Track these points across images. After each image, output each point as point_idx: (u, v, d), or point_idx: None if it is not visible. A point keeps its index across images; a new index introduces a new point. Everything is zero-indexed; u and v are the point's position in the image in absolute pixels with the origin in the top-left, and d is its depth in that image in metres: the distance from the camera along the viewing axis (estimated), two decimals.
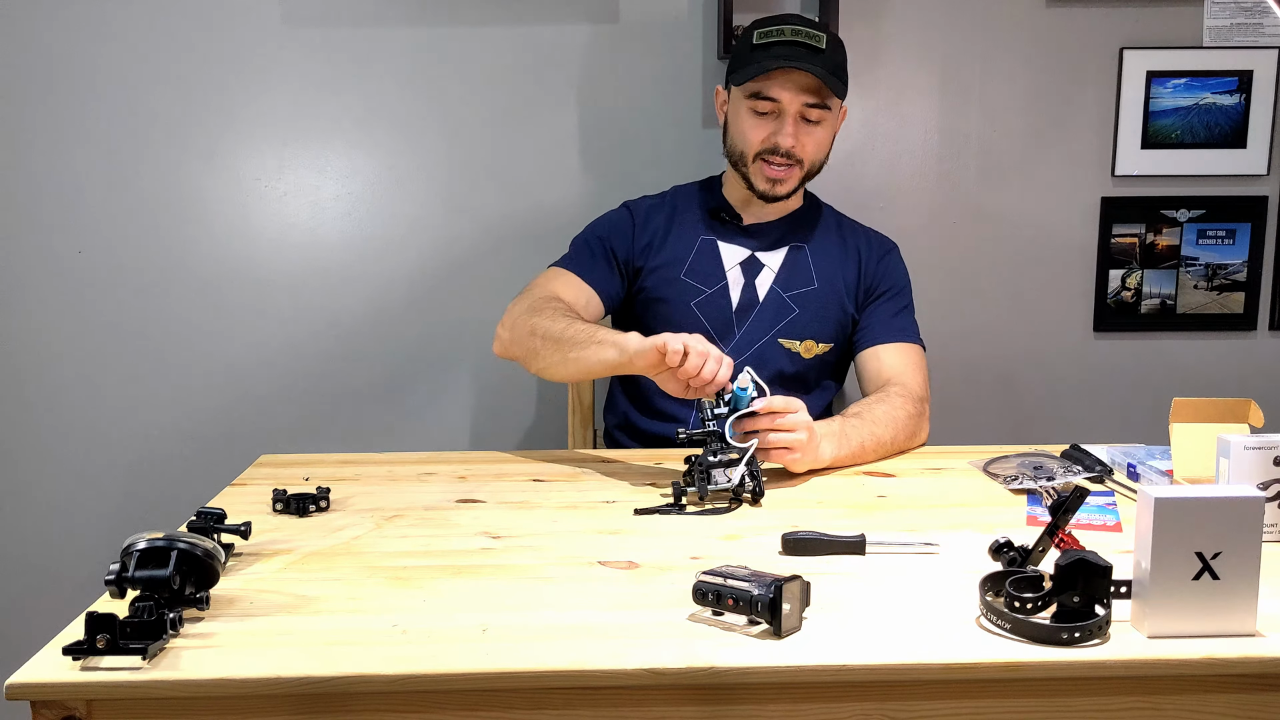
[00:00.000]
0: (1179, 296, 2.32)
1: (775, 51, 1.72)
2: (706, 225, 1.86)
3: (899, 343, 1.82)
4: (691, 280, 1.83)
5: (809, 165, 1.80)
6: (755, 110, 1.75)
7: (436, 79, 2.20)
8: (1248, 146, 2.26)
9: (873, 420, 1.64)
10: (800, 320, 1.82)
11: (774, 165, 1.77)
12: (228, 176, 2.21)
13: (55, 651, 0.96)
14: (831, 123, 1.79)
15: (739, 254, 1.85)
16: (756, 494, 1.44)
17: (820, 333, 1.84)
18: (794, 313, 1.82)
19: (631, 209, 1.90)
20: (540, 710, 0.97)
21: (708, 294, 1.82)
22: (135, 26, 2.15)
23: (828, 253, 1.87)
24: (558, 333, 1.63)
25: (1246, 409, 1.45)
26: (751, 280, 1.83)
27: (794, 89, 1.73)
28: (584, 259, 1.84)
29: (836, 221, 1.93)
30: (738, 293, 1.82)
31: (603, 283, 1.83)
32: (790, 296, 1.83)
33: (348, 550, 1.27)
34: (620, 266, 1.85)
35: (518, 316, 1.71)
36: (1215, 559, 0.99)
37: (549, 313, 1.68)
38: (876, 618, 1.05)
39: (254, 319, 2.25)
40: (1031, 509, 1.40)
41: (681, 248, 1.85)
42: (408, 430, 2.30)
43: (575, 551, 1.25)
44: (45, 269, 2.22)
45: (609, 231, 1.87)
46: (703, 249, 1.84)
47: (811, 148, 1.77)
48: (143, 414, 2.26)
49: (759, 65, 1.72)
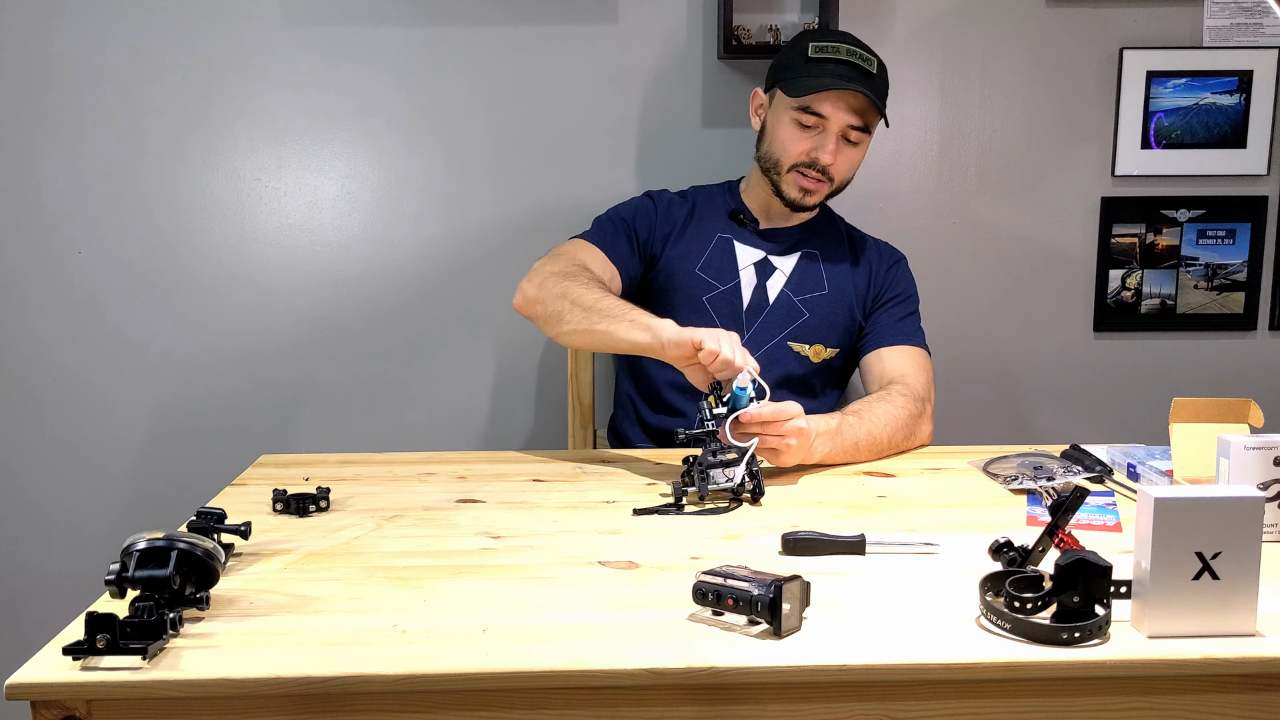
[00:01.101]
0: (1179, 296, 2.32)
1: (831, 69, 1.74)
2: (725, 224, 1.89)
3: (904, 345, 1.84)
4: (706, 275, 1.85)
5: (839, 182, 1.83)
6: (800, 123, 1.77)
7: (437, 79, 2.20)
8: (1248, 146, 2.26)
9: (871, 419, 1.64)
10: (810, 324, 1.85)
11: (808, 177, 1.80)
12: (228, 176, 2.21)
13: (55, 651, 0.96)
14: (866, 144, 1.83)
15: (754, 255, 1.87)
16: (756, 494, 1.44)
17: (828, 337, 1.86)
18: (804, 316, 1.85)
19: (654, 198, 1.93)
20: (540, 710, 0.97)
21: (720, 290, 1.85)
22: (135, 26, 2.15)
23: (840, 262, 1.90)
24: (590, 302, 1.63)
25: (1246, 409, 1.45)
26: (763, 282, 1.86)
27: (844, 109, 1.76)
28: (609, 235, 1.85)
29: (849, 233, 1.96)
30: (749, 293, 1.85)
31: (625, 262, 1.84)
32: (801, 300, 1.85)
33: (348, 550, 1.27)
34: (640, 249, 1.87)
35: (548, 275, 1.70)
36: (1215, 559, 0.99)
37: (582, 279, 1.69)
38: (876, 618, 1.05)
39: (254, 319, 2.25)
40: (1031, 509, 1.40)
41: (699, 242, 1.87)
42: (408, 430, 2.30)
43: (575, 551, 1.25)
44: (45, 269, 2.22)
45: (633, 215, 1.89)
46: (719, 246, 1.87)
47: (845, 167, 1.81)
48: (142, 414, 2.26)
49: (815, 80, 1.74)
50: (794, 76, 1.78)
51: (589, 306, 1.62)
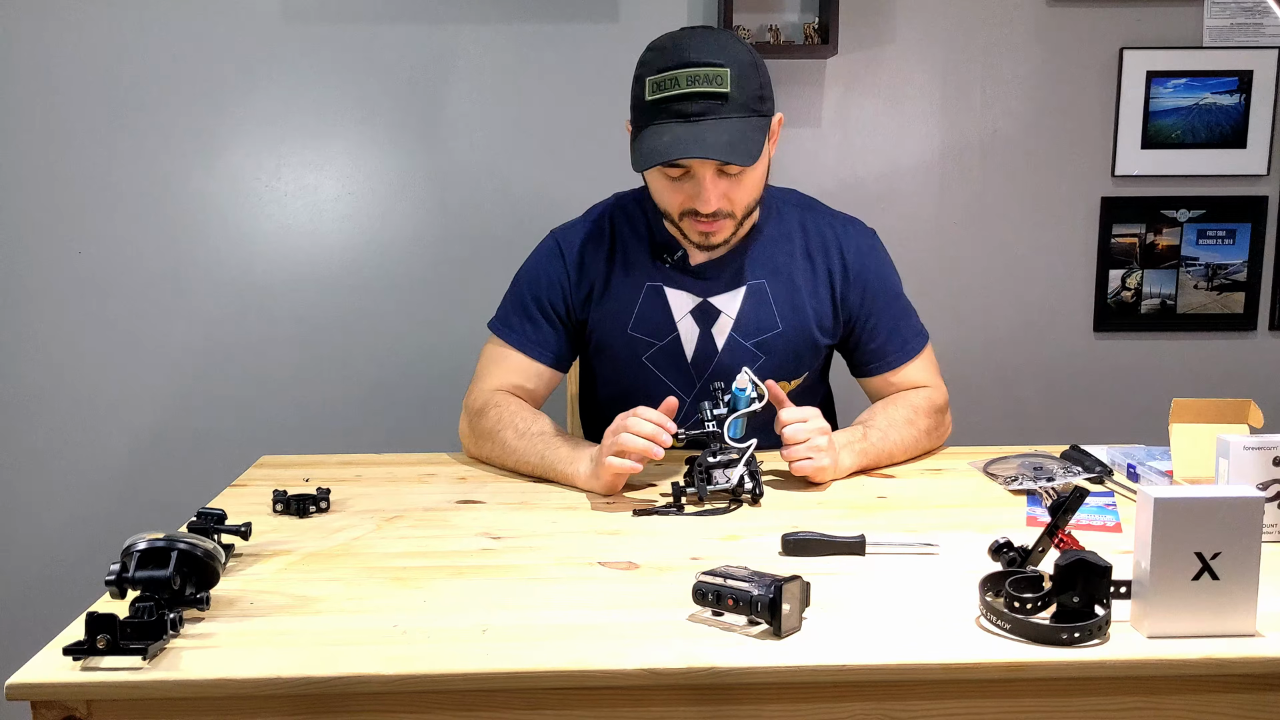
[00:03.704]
0: (1179, 296, 2.32)
1: (674, 109, 1.47)
2: (651, 269, 1.64)
3: (909, 362, 1.71)
4: (639, 334, 1.65)
5: (742, 212, 1.56)
6: (668, 175, 1.52)
7: (437, 78, 2.20)
8: (1248, 146, 2.26)
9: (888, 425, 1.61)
10: (767, 367, 1.63)
11: (701, 220, 1.54)
12: (228, 177, 2.21)
13: (55, 651, 0.96)
14: (759, 163, 1.52)
15: (689, 301, 1.63)
16: (756, 494, 1.44)
17: (792, 371, 1.68)
18: (759, 360, 1.64)
19: (563, 249, 1.68)
20: (539, 710, 0.97)
21: (659, 346, 1.65)
22: (136, 26, 2.15)
23: (792, 281, 1.65)
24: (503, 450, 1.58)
25: (1246, 409, 1.45)
26: (707, 329, 1.64)
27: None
28: (523, 328, 1.67)
29: (801, 227, 1.68)
30: (692, 345, 1.64)
31: (549, 349, 1.68)
32: (754, 344, 1.64)
33: (348, 551, 1.27)
34: (563, 320, 1.68)
35: (468, 438, 1.67)
36: (1215, 559, 0.99)
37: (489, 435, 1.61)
38: (876, 618, 1.05)
39: (254, 319, 2.25)
40: (1031, 509, 1.40)
41: (626, 297, 1.65)
42: (408, 431, 2.30)
43: (575, 552, 1.25)
44: (45, 269, 2.22)
45: (543, 289, 1.67)
46: (649, 297, 1.64)
47: (740, 196, 1.54)
48: (143, 414, 2.27)
49: (652, 146, 1.48)
50: (638, 128, 1.53)
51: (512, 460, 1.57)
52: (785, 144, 2.26)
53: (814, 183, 2.25)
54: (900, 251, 2.28)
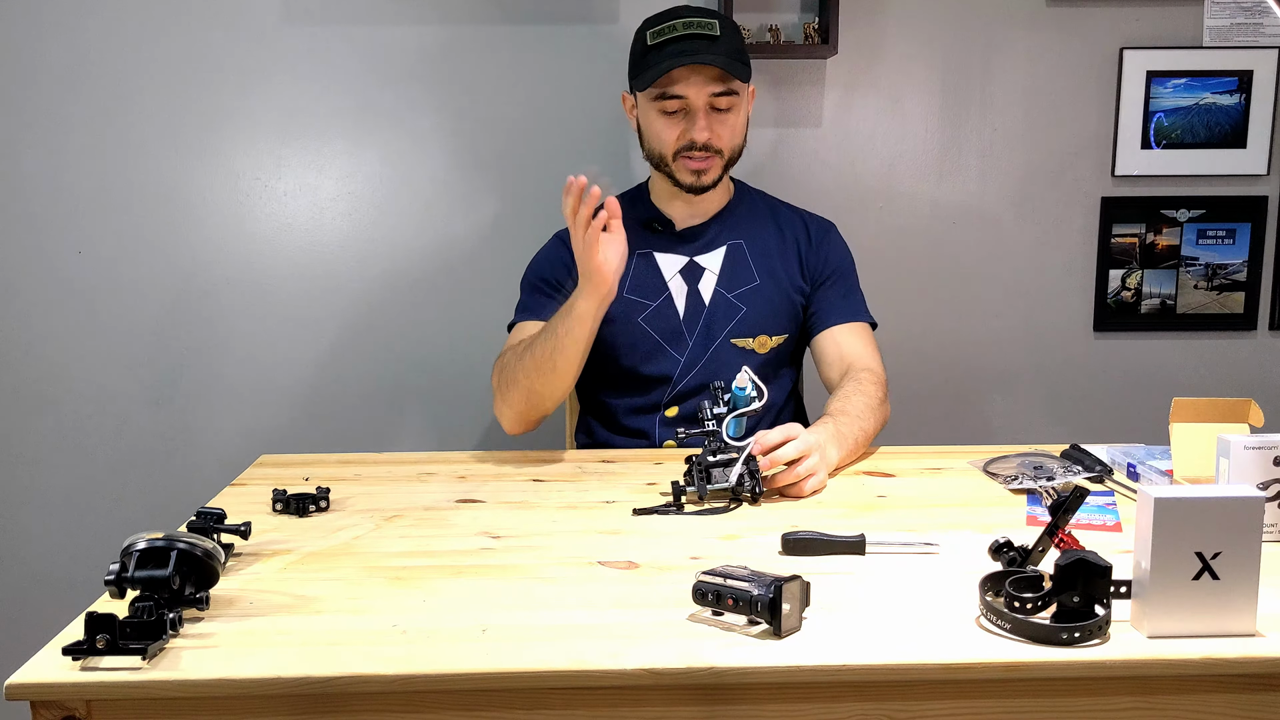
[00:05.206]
0: (1179, 296, 2.31)
1: (671, 49, 1.71)
2: (640, 238, 1.83)
3: (852, 323, 1.83)
4: (635, 296, 1.82)
5: (729, 153, 1.79)
6: (664, 110, 1.75)
7: (437, 78, 2.20)
8: (1248, 146, 2.26)
9: (857, 415, 1.65)
10: (749, 318, 1.82)
11: (694, 159, 1.76)
12: (228, 176, 2.21)
13: (55, 651, 0.96)
14: (742, 107, 1.78)
15: (677, 262, 1.84)
16: (755, 493, 1.44)
17: (772, 326, 1.83)
18: (741, 311, 1.82)
19: (564, 238, 1.86)
20: (539, 710, 0.97)
21: (653, 307, 1.82)
22: (135, 25, 2.15)
23: (765, 245, 1.86)
24: (529, 356, 1.67)
25: (1246, 409, 1.45)
26: (694, 286, 1.83)
27: (698, 82, 1.72)
28: (538, 303, 1.83)
29: (770, 209, 1.91)
30: (682, 301, 1.83)
31: None
32: (735, 296, 1.82)
33: (347, 550, 1.27)
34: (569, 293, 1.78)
35: (497, 383, 1.74)
36: (1215, 559, 0.99)
37: (512, 355, 1.72)
38: (876, 618, 1.05)
39: (254, 318, 2.25)
40: (1031, 509, 1.40)
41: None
42: (408, 430, 2.30)
43: (575, 551, 1.25)
44: (45, 269, 2.22)
45: (549, 269, 1.86)
46: (640, 263, 1.83)
47: (727, 135, 1.77)
48: (142, 413, 2.26)
49: (657, 67, 1.71)
50: (641, 69, 1.75)
51: (532, 358, 1.67)
52: (785, 144, 2.26)
53: (814, 183, 2.25)
54: (900, 251, 2.30)
